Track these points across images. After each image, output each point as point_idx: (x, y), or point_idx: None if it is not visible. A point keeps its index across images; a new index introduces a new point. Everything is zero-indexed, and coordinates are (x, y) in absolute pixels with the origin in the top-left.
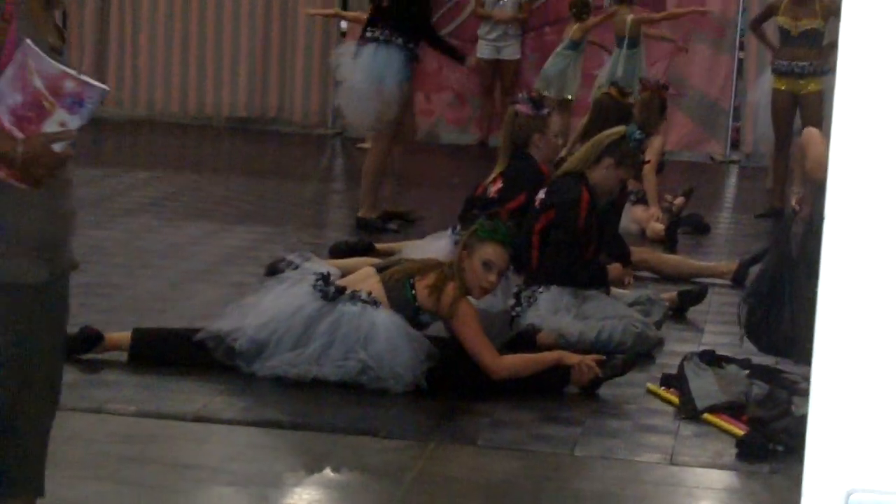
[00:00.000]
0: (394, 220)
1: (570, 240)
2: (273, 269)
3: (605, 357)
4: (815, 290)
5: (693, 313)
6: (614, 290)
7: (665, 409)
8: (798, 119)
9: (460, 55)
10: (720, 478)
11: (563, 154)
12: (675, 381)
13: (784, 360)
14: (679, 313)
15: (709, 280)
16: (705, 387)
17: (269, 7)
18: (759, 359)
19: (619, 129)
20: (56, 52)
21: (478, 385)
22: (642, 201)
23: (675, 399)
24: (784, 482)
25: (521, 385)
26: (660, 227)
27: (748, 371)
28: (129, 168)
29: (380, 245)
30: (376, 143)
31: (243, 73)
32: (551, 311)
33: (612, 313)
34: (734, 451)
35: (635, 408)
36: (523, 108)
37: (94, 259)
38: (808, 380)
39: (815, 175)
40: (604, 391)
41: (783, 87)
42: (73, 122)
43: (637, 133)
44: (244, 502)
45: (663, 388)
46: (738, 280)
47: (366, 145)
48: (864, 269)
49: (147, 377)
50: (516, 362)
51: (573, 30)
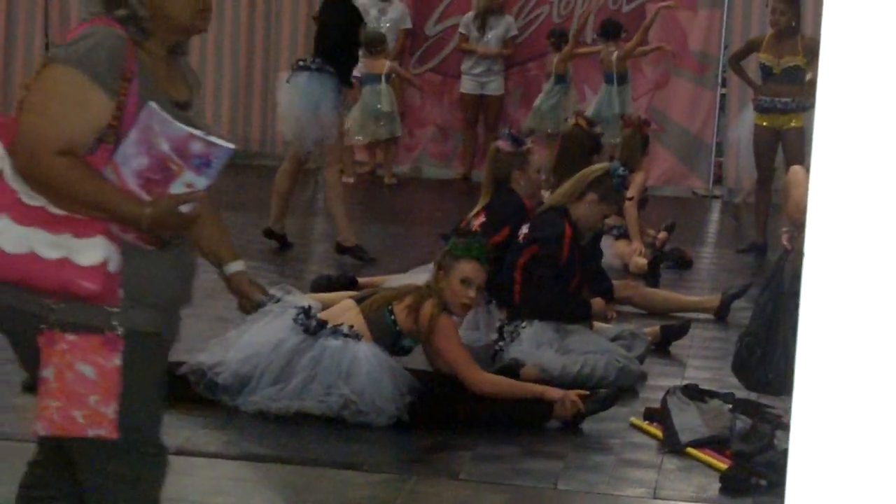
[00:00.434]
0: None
1: (554, 274)
2: (260, 303)
3: (587, 392)
4: None
5: (676, 348)
6: (597, 324)
7: (648, 444)
8: (780, 155)
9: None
10: None
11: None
12: (659, 415)
13: (769, 396)
14: (662, 348)
15: (692, 315)
16: (688, 421)
17: (252, 41)
18: (742, 393)
19: (603, 164)
20: (182, 108)
21: (460, 419)
22: (625, 236)
23: (659, 433)
24: None
25: (503, 419)
26: (642, 262)
27: (731, 405)
28: None
29: (362, 279)
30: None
31: (226, 106)
32: (534, 345)
33: (594, 348)
34: (717, 486)
35: (618, 442)
36: (504, 145)
37: None
38: (791, 414)
39: (794, 217)
40: (587, 425)
41: (765, 124)
42: (201, 182)
43: (620, 169)
44: None
45: (646, 422)
46: (721, 315)
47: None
48: (843, 307)
49: None
50: (498, 380)
51: (554, 62)
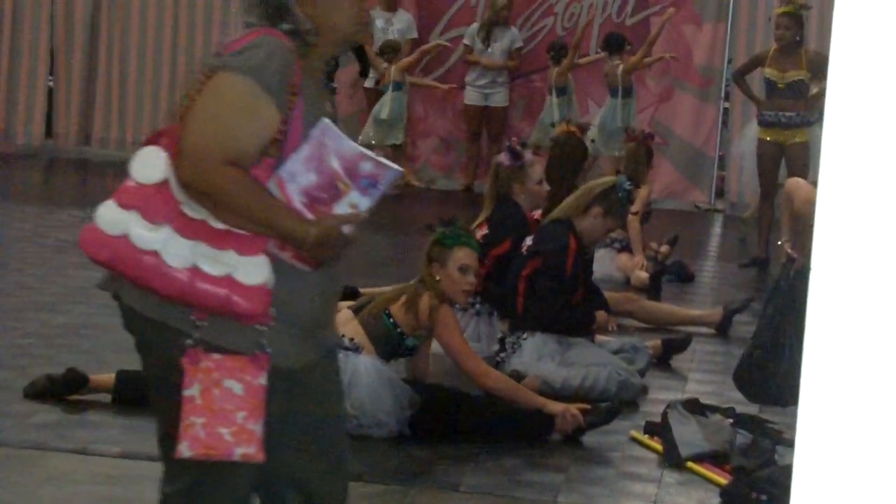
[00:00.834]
0: None
1: (558, 287)
2: None
3: (589, 405)
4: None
5: (677, 361)
6: (599, 337)
7: (649, 457)
8: (784, 169)
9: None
10: None
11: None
12: (659, 429)
13: (773, 407)
14: (663, 361)
15: (693, 328)
16: (689, 435)
17: None
18: (743, 408)
19: (609, 178)
20: (333, 121)
21: (461, 431)
22: (627, 249)
23: (659, 447)
24: None
25: (504, 432)
26: (644, 276)
27: (732, 420)
28: None
29: (364, 290)
30: None
31: None
32: (535, 357)
33: (596, 360)
34: (717, 500)
35: (619, 455)
36: (504, 160)
37: (80, 300)
38: (792, 429)
39: (804, 213)
40: (588, 438)
41: (769, 138)
42: (364, 203)
43: (627, 183)
44: None
45: (647, 435)
46: (722, 329)
47: None
48: (849, 316)
49: (131, 419)
50: (501, 377)
51: (554, 75)
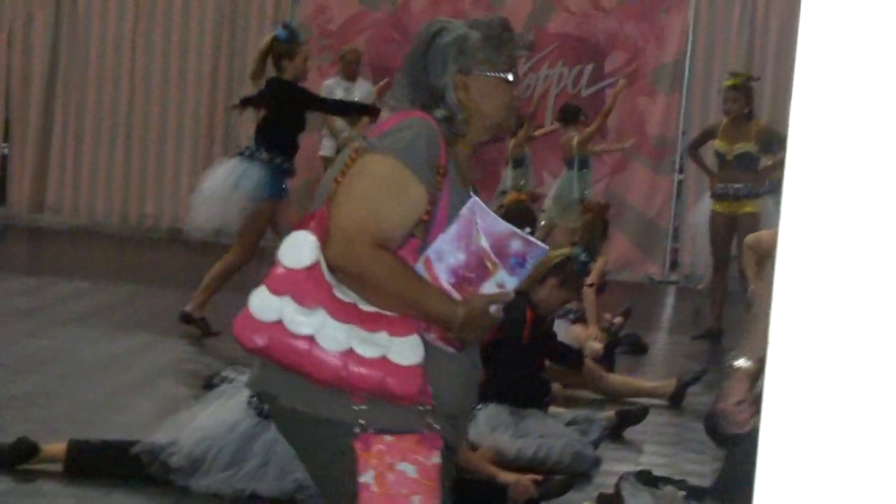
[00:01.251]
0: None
1: (516, 358)
2: (209, 383)
3: (542, 477)
4: None
5: (631, 433)
6: (552, 408)
7: None
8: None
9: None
10: None
11: None
12: (612, 501)
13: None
14: (617, 433)
15: (647, 400)
16: None
17: (212, 120)
18: (696, 480)
19: (565, 250)
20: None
21: None
22: (581, 320)
23: None
24: None
25: (457, 502)
26: (598, 347)
27: (685, 492)
28: (68, 278)
29: None
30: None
31: (185, 184)
32: (489, 428)
33: (550, 432)
34: None
35: None
36: None
37: (32, 368)
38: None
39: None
40: None
41: (721, 210)
42: (511, 282)
43: (583, 255)
44: None
45: None
46: (675, 401)
47: None
48: (810, 365)
49: (82, 488)
50: None
51: (511, 146)
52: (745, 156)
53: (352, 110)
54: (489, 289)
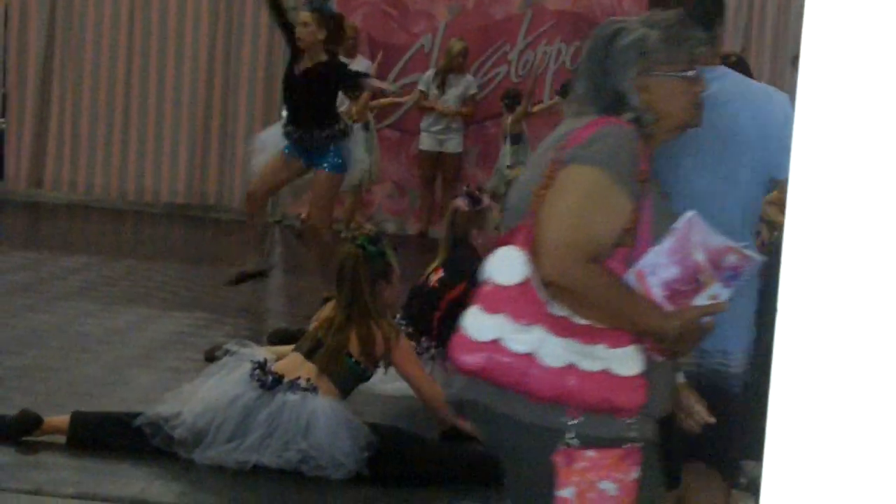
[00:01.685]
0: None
1: None
2: (211, 356)
3: None
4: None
5: None
6: None
7: None
8: None
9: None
10: None
11: None
12: None
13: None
14: None
15: None
16: None
17: (210, 94)
18: None
19: None
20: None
21: (418, 474)
22: None
23: None
24: None
25: (460, 475)
26: None
27: None
28: (67, 252)
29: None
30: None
31: (183, 159)
32: None
33: None
34: None
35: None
36: (462, 205)
37: (32, 342)
38: (752, 474)
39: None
40: None
41: None
42: (724, 294)
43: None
44: None
45: None
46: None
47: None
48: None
49: (86, 460)
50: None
51: (508, 123)
52: None
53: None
54: (702, 301)
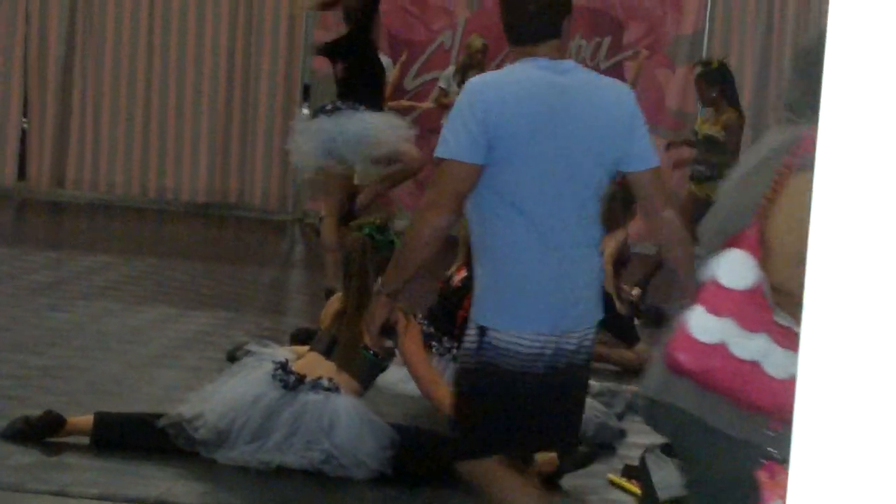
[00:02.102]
0: None
1: None
2: (233, 356)
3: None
4: None
5: None
6: None
7: (626, 501)
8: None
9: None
10: None
11: None
12: (637, 472)
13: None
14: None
15: None
16: (667, 478)
17: (230, 92)
18: None
19: None
20: None
21: (440, 472)
22: None
23: (637, 490)
24: None
25: None
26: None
27: None
28: (88, 251)
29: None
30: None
31: (204, 158)
32: None
33: None
34: None
35: (597, 498)
36: None
37: (54, 342)
38: None
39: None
40: (566, 481)
41: (690, 188)
42: None
43: None
44: None
45: (625, 479)
46: None
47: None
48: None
49: (109, 461)
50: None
51: None
52: (709, 138)
53: None
54: None
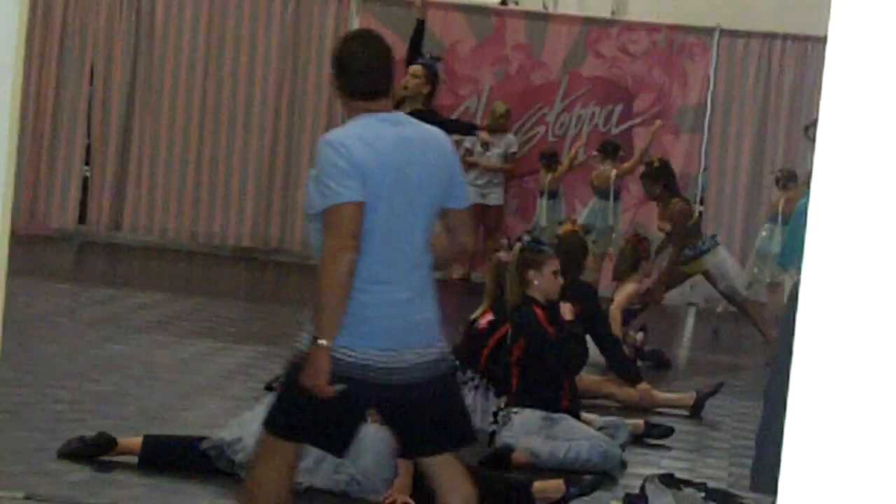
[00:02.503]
0: None
1: (544, 366)
2: (271, 386)
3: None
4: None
5: (653, 441)
6: (584, 415)
7: None
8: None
9: (469, 126)
10: None
11: None
12: (638, 500)
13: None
14: (641, 439)
15: (669, 411)
16: None
17: (275, 146)
18: (714, 483)
19: (516, 248)
20: None
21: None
22: None
23: None
24: None
25: (496, 499)
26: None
27: (704, 494)
28: (142, 289)
29: None
30: None
31: (249, 206)
32: (523, 431)
33: (579, 435)
34: None
35: None
36: (504, 257)
37: (109, 370)
38: (758, 502)
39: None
40: None
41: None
42: None
43: (528, 240)
44: None
45: None
46: (696, 411)
47: None
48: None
49: (155, 479)
50: None
51: (546, 180)
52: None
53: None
54: None
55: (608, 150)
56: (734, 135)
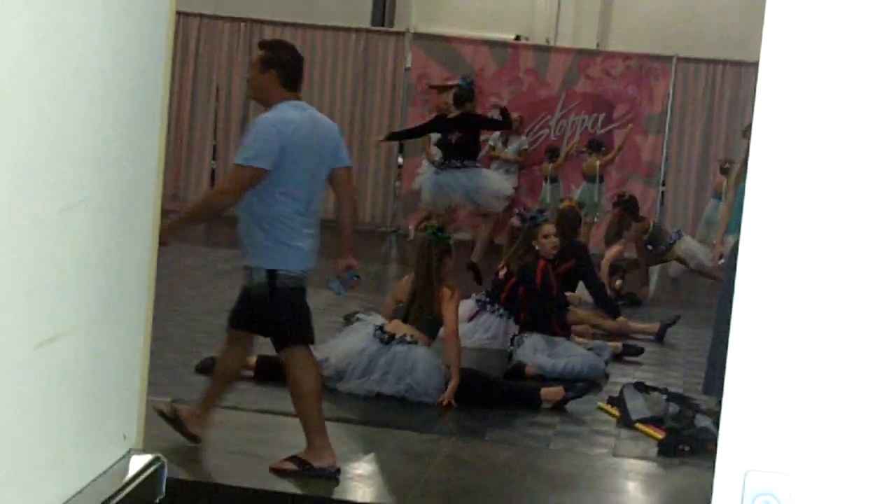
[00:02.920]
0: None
1: (542, 300)
2: (348, 319)
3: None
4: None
5: (628, 358)
6: (576, 338)
7: (610, 420)
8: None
9: (506, 120)
10: (646, 466)
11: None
12: (617, 401)
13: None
14: (620, 357)
15: (640, 336)
16: (638, 406)
17: (350, 136)
18: (674, 389)
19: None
20: None
21: (485, 400)
22: None
23: (617, 413)
24: (690, 470)
25: (513, 400)
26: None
27: (666, 396)
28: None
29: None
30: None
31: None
32: (532, 350)
33: (574, 353)
34: (656, 449)
35: (590, 418)
36: (515, 222)
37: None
38: (707, 404)
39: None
40: (570, 406)
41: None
42: None
43: (530, 214)
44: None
45: (609, 405)
46: (659, 337)
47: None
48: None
49: (267, 388)
50: (457, 348)
51: (549, 169)
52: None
53: (502, 125)
54: None
55: (594, 146)
56: (688, 135)
